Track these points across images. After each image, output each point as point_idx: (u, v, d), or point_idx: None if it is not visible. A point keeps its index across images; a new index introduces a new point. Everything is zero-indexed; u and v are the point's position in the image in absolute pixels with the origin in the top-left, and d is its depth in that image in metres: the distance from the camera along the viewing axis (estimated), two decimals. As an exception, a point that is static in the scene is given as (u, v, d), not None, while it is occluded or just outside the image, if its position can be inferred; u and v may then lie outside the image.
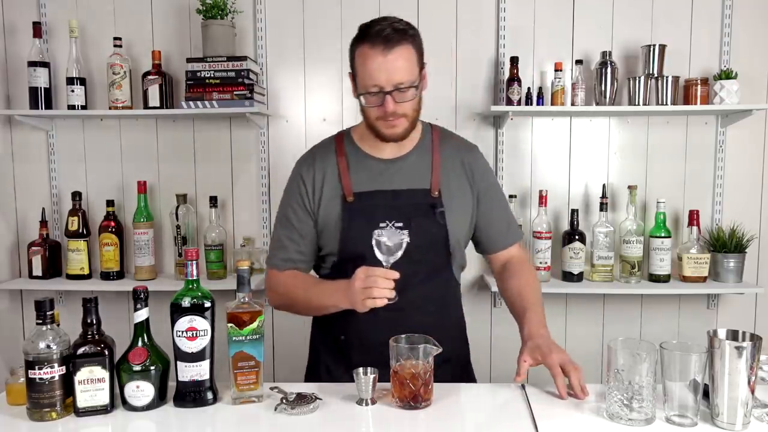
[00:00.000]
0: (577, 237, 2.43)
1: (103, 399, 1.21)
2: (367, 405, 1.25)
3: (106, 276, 2.48)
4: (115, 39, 2.46)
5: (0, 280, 2.64)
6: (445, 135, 1.61)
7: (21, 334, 2.67)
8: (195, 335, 1.23)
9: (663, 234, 2.42)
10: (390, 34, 1.35)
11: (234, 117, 2.56)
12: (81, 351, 1.20)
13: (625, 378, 1.15)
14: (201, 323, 1.23)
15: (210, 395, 1.26)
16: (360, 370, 1.25)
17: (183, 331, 1.23)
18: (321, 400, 1.26)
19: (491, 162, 2.53)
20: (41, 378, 1.18)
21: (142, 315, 1.23)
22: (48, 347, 1.19)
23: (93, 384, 1.20)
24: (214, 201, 2.50)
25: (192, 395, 1.25)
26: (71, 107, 2.46)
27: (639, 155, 2.56)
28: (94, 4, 2.57)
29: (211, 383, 1.27)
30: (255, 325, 1.25)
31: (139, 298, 1.23)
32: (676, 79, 2.40)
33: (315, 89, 2.59)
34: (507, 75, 2.44)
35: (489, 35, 2.53)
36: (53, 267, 2.54)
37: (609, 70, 2.40)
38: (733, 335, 1.16)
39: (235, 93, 2.38)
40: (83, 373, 1.19)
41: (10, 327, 2.68)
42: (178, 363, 1.24)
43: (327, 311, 1.47)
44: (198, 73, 2.38)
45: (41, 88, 2.46)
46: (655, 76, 2.40)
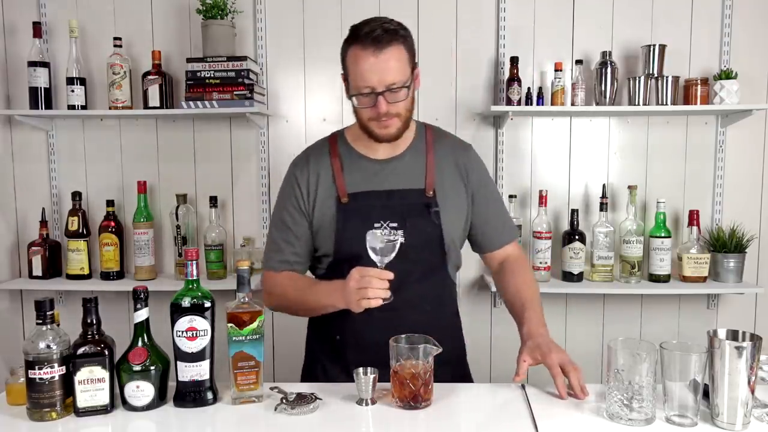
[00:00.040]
0: (577, 237, 2.43)
1: (103, 399, 1.21)
2: (367, 405, 1.25)
3: (106, 276, 2.48)
4: (115, 39, 2.46)
5: (0, 280, 2.64)
6: (439, 134, 1.60)
7: (21, 334, 2.67)
8: (195, 335, 1.23)
9: (663, 234, 2.42)
10: (380, 34, 1.35)
11: (234, 117, 2.56)
12: (81, 351, 1.20)
13: (625, 378, 1.15)
14: (201, 323, 1.23)
15: (210, 395, 1.26)
16: (360, 370, 1.25)
17: (183, 331, 1.23)
18: (321, 400, 1.26)
19: (491, 162, 2.53)
20: (41, 378, 1.18)
21: (142, 315, 1.23)
22: (48, 347, 1.19)
23: (93, 384, 1.20)
24: (214, 201, 2.50)
25: (192, 395, 1.25)
26: (71, 107, 2.46)
27: (639, 155, 2.56)
28: (94, 4, 2.57)
29: (211, 383, 1.27)
30: (255, 325, 1.25)
31: (139, 298, 1.23)
32: (676, 79, 2.40)
33: (315, 89, 2.59)
34: (507, 75, 2.44)
35: (489, 35, 2.53)
36: (53, 267, 2.54)
37: (609, 70, 2.40)
38: (733, 335, 1.16)
39: (235, 93, 2.38)
40: (83, 373, 1.19)
41: (10, 327, 2.68)
42: (178, 363, 1.24)
43: (323, 312, 1.46)
44: (198, 73, 2.38)
45: (41, 88, 2.46)
46: (655, 76, 2.40)
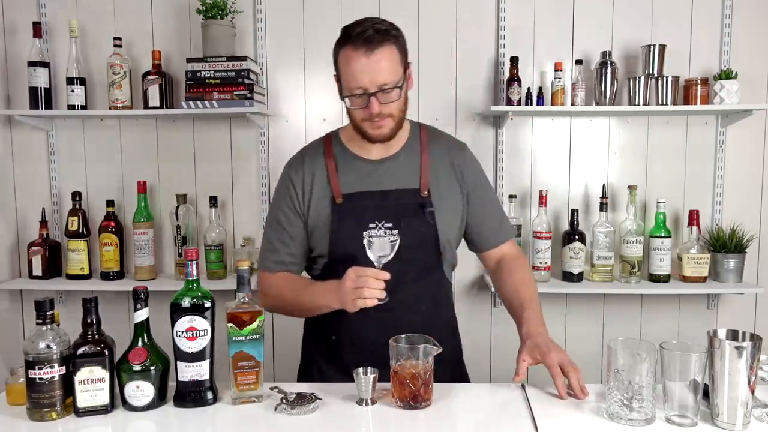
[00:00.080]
0: (577, 237, 2.43)
1: (103, 399, 1.21)
2: (367, 405, 1.25)
3: (106, 276, 2.48)
4: (115, 39, 2.46)
5: (0, 280, 2.64)
6: (434, 134, 1.60)
7: (21, 334, 2.67)
8: (195, 335, 1.23)
9: (663, 234, 2.42)
10: (372, 35, 1.35)
11: (234, 117, 2.56)
12: (81, 351, 1.20)
13: (625, 378, 1.15)
14: (201, 323, 1.23)
15: (210, 395, 1.26)
16: (360, 370, 1.25)
17: (183, 331, 1.23)
18: (321, 400, 1.26)
19: (491, 162, 2.53)
20: (41, 378, 1.18)
21: (142, 315, 1.23)
22: (48, 347, 1.19)
23: (93, 384, 1.20)
24: (214, 201, 2.50)
25: (192, 395, 1.25)
26: (71, 107, 2.46)
27: (639, 155, 2.56)
28: (94, 4, 2.56)
29: (211, 383, 1.27)
30: (255, 325, 1.25)
31: (139, 298, 1.23)
32: (676, 79, 2.40)
33: (315, 89, 2.58)
34: (507, 75, 2.44)
35: (489, 35, 2.53)
36: (53, 267, 2.54)
37: (609, 70, 2.40)
38: (733, 335, 1.16)
39: (235, 93, 2.38)
40: (83, 373, 1.19)
41: (10, 327, 2.68)
42: (178, 363, 1.24)
43: (319, 312, 1.46)
44: (198, 73, 2.38)
45: (41, 88, 2.46)
46: (655, 76, 2.40)
